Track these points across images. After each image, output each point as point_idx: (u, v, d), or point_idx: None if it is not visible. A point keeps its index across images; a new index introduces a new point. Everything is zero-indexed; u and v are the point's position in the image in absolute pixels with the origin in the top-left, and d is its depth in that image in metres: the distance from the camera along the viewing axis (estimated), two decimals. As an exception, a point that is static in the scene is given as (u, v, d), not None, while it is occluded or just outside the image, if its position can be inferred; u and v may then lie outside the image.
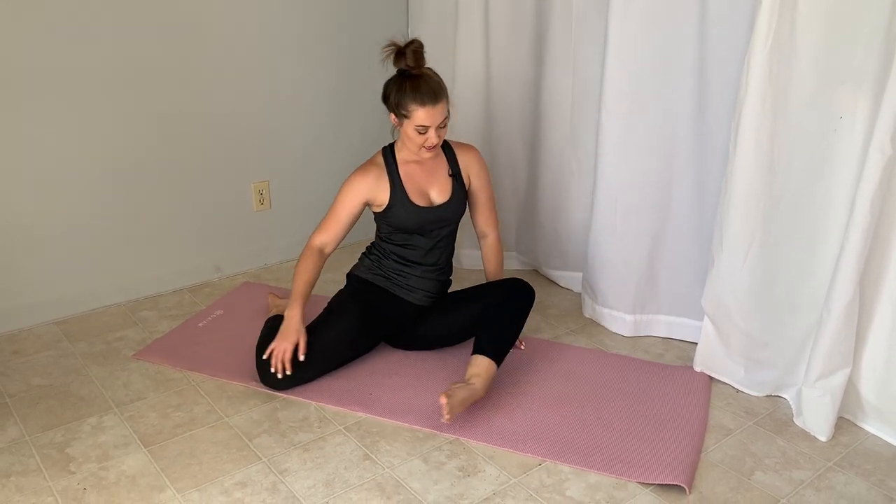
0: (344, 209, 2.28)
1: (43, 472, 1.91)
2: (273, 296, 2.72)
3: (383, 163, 2.30)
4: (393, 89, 2.18)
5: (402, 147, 2.29)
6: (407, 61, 2.15)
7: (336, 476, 1.91)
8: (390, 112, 2.22)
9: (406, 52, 2.14)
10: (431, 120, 2.14)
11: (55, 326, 2.67)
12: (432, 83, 2.16)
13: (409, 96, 2.13)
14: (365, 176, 2.27)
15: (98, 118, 2.63)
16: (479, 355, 2.18)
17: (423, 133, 2.17)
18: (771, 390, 2.25)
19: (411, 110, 2.14)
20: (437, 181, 2.33)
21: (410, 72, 2.16)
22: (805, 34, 1.87)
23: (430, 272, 2.36)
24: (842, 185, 1.94)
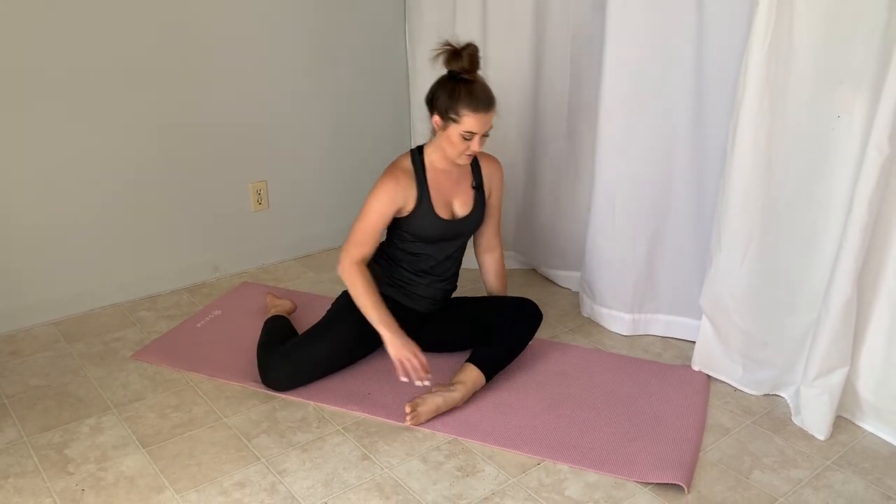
0: (379, 219, 2.17)
1: (41, 473, 1.91)
2: (271, 296, 2.72)
3: (412, 168, 2.20)
4: (444, 92, 2.08)
5: (435, 151, 2.20)
6: (463, 64, 2.06)
7: (335, 476, 1.91)
8: (434, 114, 2.11)
9: (462, 54, 2.06)
10: (480, 127, 2.07)
11: (53, 327, 2.66)
12: (487, 90, 2.08)
13: (463, 101, 2.04)
14: (397, 183, 2.16)
15: (96, 119, 2.62)
16: (472, 365, 2.19)
17: (468, 139, 2.09)
18: (769, 389, 2.25)
19: (462, 115, 2.05)
20: (461, 192, 2.27)
21: (462, 75, 2.08)
22: (803, 34, 1.87)
23: (438, 281, 2.32)
24: (840, 184, 1.94)
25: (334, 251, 3.36)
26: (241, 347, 2.48)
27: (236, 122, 2.96)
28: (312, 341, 2.25)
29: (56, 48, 2.48)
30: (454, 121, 2.07)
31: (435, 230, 2.21)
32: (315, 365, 2.24)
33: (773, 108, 1.96)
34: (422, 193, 2.18)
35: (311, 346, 2.24)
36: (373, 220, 2.17)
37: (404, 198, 2.16)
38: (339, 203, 3.37)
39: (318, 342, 2.25)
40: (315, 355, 2.24)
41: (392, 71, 3.37)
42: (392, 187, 2.15)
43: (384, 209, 2.16)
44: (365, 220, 2.17)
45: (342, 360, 2.31)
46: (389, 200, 2.15)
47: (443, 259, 2.29)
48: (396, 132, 3.48)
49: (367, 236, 2.17)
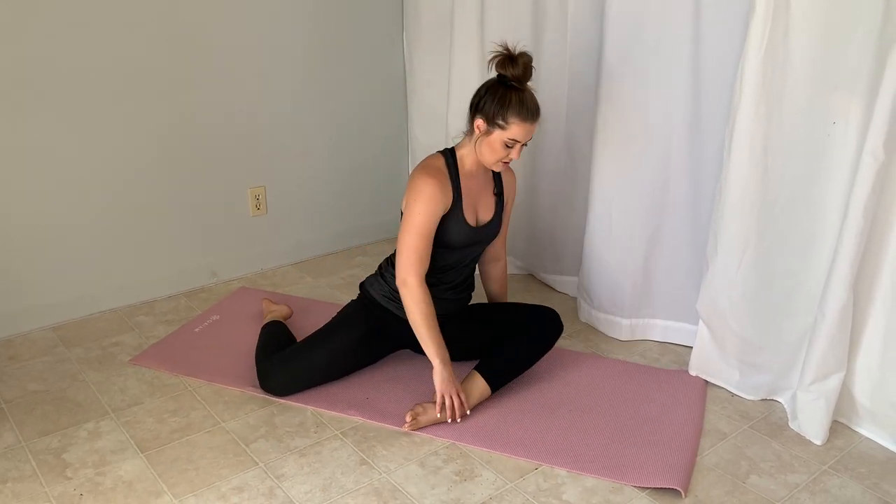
0: (431, 223, 2.06)
1: (39, 478, 1.91)
2: (268, 301, 2.72)
3: (447, 171, 2.12)
4: (493, 97, 2.03)
5: (469, 155, 2.14)
6: (516, 71, 2.01)
7: (333, 481, 1.91)
8: (478, 118, 2.06)
9: (518, 62, 2.01)
10: (525, 136, 2.04)
11: (51, 332, 2.66)
12: (536, 100, 2.04)
13: (513, 109, 2.00)
14: (440, 182, 2.06)
15: (95, 124, 2.63)
16: (479, 375, 2.17)
17: (510, 147, 2.05)
18: (766, 394, 2.26)
19: (510, 123, 2.01)
20: (485, 199, 2.23)
21: (513, 83, 2.03)
22: (798, 40, 1.88)
23: (451, 289, 2.26)
24: (835, 189, 1.95)
25: (332, 256, 3.38)
26: (239, 352, 2.48)
27: (235, 127, 2.97)
28: (313, 348, 2.24)
29: (55, 52, 2.49)
30: (501, 127, 2.02)
31: (462, 236, 2.15)
32: (314, 372, 2.24)
33: (770, 114, 1.97)
34: (456, 197, 2.12)
35: (312, 353, 2.23)
36: (426, 227, 2.05)
37: (445, 198, 2.08)
38: (337, 208, 3.38)
39: (319, 350, 2.24)
40: (315, 363, 2.23)
41: (390, 76, 3.38)
42: (436, 187, 2.05)
43: (433, 211, 2.05)
44: (418, 229, 2.04)
45: (342, 369, 2.29)
46: (437, 201, 2.05)
47: (462, 266, 2.24)
48: (395, 137, 3.49)
49: (426, 248, 2.06)
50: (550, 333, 2.29)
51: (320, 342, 2.25)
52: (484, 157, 2.11)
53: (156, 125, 2.77)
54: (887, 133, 1.75)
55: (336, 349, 2.24)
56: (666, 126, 2.32)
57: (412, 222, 2.05)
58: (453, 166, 2.14)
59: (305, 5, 3.03)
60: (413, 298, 2.06)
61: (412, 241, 2.05)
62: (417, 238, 2.05)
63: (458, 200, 2.12)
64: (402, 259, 2.07)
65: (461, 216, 2.14)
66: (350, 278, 3.14)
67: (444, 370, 2.07)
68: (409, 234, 2.05)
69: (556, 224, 2.92)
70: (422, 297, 2.06)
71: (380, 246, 3.50)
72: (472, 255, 2.26)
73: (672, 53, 2.24)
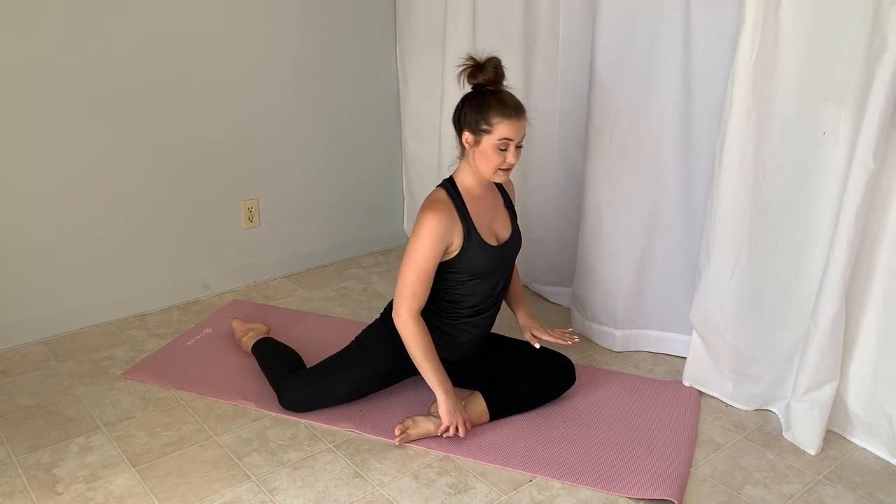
0: (432, 260, 2.01)
1: (30, 493, 1.90)
2: (239, 321, 2.63)
3: (450, 200, 2.05)
4: (472, 106, 2.00)
5: (468, 177, 2.07)
6: (488, 76, 2.00)
7: (326, 494, 1.90)
8: (464, 131, 2.01)
9: (487, 66, 2.00)
10: (515, 133, 1.97)
11: (42, 346, 2.65)
12: (515, 98, 2.01)
13: (493, 109, 1.96)
14: (442, 218, 2.00)
15: (86, 137, 2.62)
16: (481, 398, 2.15)
17: (504, 150, 1.98)
18: (760, 404, 2.26)
19: (495, 124, 1.96)
20: (500, 215, 2.17)
21: (488, 87, 2.02)
22: (788, 51, 1.90)
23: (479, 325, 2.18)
24: (826, 199, 1.96)
25: (325, 269, 3.37)
26: (231, 365, 2.47)
27: (228, 140, 2.97)
28: (337, 377, 2.20)
29: (46, 67, 2.49)
30: (487, 132, 1.97)
31: (488, 261, 2.09)
32: (336, 398, 2.21)
33: (760, 125, 1.98)
34: (468, 226, 2.05)
35: (335, 381, 2.19)
36: (426, 264, 2.01)
37: (451, 233, 2.02)
38: (330, 221, 3.38)
39: (343, 379, 2.19)
40: (338, 391, 2.20)
41: (383, 89, 3.39)
42: (438, 224, 1.99)
43: (435, 248, 2.00)
44: (417, 266, 2.01)
45: (365, 392, 2.26)
46: (439, 238, 2.00)
47: (490, 292, 2.16)
48: (388, 149, 3.49)
49: (422, 284, 2.03)
50: (562, 384, 2.27)
51: (347, 368, 2.20)
52: (482, 171, 2.03)
53: (148, 138, 2.76)
54: (876, 143, 1.76)
55: (362, 381, 2.21)
56: (657, 137, 2.33)
57: (411, 259, 2.02)
58: (456, 195, 2.07)
59: (299, 18, 3.03)
60: (407, 332, 2.05)
61: (409, 277, 2.03)
62: (414, 274, 2.02)
63: (470, 227, 2.06)
64: (398, 293, 2.05)
65: (481, 241, 2.07)
66: (343, 291, 3.13)
67: (449, 400, 2.05)
68: (407, 270, 2.03)
69: (549, 235, 2.93)
70: (415, 329, 2.04)
71: (373, 258, 3.49)
72: (503, 275, 2.18)
73: (663, 65, 2.25)
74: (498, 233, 2.15)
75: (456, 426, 2.06)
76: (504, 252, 2.15)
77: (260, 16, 2.93)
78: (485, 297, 2.15)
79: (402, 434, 2.06)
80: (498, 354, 2.30)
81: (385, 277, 3.25)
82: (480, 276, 2.10)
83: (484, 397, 2.16)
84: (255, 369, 2.41)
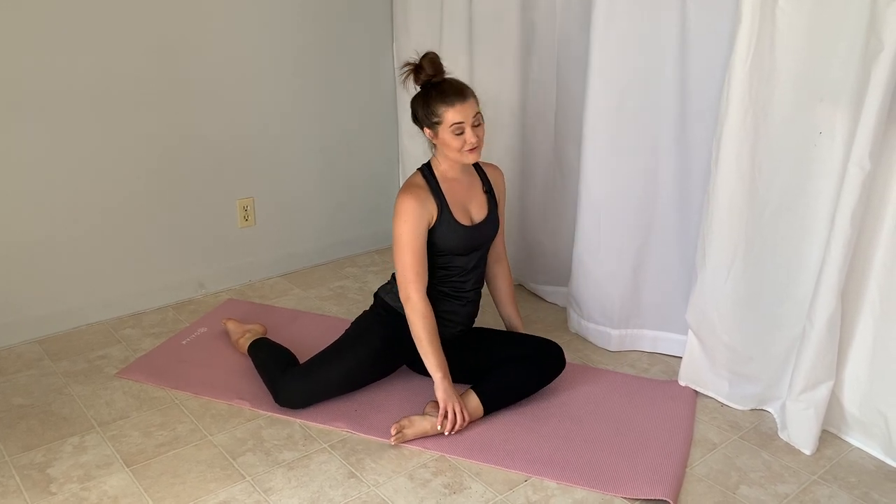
0: (419, 240, 2.10)
1: (23, 493, 1.89)
2: (234, 321, 2.63)
3: (425, 182, 2.17)
4: (420, 102, 2.14)
5: (442, 162, 2.20)
6: (426, 71, 2.11)
7: (321, 494, 1.89)
8: (423, 128, 2.15)
9: (423, 63, 2.12)
10: (463, 115, 2.08)
11: (37, 345, 2.64)
12: (456, 83, 2.12)
13: (435, 100, 2.08)
14: (417, 197, 2.11)
15: (82, 137, 2.62)
16: (474, 395, 2.16)
17: (460, 134, 2.09)
18: (755, 404, 2.26)
19: (441, 113, 2.08)
20: (475, 198, 2.26)
21: (431, 80, 2.13)
22: (784, 51, 1.90)
23: (463, 300, 2.27)
24: (822, 199, 1.96)
25: (320, 268, 3.37)
26: (226, 365, 2.47)
27: (224, 139, 2.96)
28: (330, 363, 2.22)
29: (40, 66, 2.48)
30: (438, 123, 2.10)
31: (460, 238, 2.18)
32: (331, 387, 2.23)
33: (756, 125, 1.98)
34: (441, 203, 2.16)
35: (329, 368, 2.21)
36: (416, 243, 2.10)
37: (428, 210, 2.13)
38: (325, 220, 3.37)
39: (337, 365, 2.22)
40: (333, 378, 2.21)
41: (380, 89, 3.38)
42: (414, 203, 2.10)
43: (418, 227, 2.10)
44: (409, 246, 2.10)
45: (358, 382, 2.28)
46: (418, 216, 2.10)
47: (469, 269, 2.25)
48: (384, 149, 3.49)
49: (420, 263, 2.11)
50: (553, 369, 2.28)
51: (338, 357, 2.23)
52: (451, 156, 2.15)
53: (144, 138, 2.76)
54: (872, 143, 1.76)
55: (353, 364, 2.23)
56: (654, 137, 2.33)
57: (400, 242, 2.11)
58: (431, 176, 2.19)
59: (295, 17, 3.03)
60: (417, 313, 2.11)
61: (405, 259, 2.11)
62: (409, 255, 2.10)
63: (444, 206, 2.16)
64: (401, 278, 2.13)
65: (452, 219, 2.17)
66: (339, 290, 3.13)
67: (445, 382, 2.09)
68: (401, 253, 2.12)
69: (545, 234, 2.93)
70: (424, 310, 2.11)
71: (369, 257, 3.49)
72: (479, 255, 2.27)
73: (659, 64, 2.25)
74: (473, 214, 2.24)
75: (454, 411, 2.07)
76: (476, 233, 2.23)
77: (256, 15, 2.92)
78: (461, 272, 2.24)
79: (398, 434, 2.06)
80: (486, 347, 2.31)
81: (381, 276, 3.24)
82: (452, 252, 2.19)
83: (475, 391, 2.16)
84: (250, 369, 2.41)
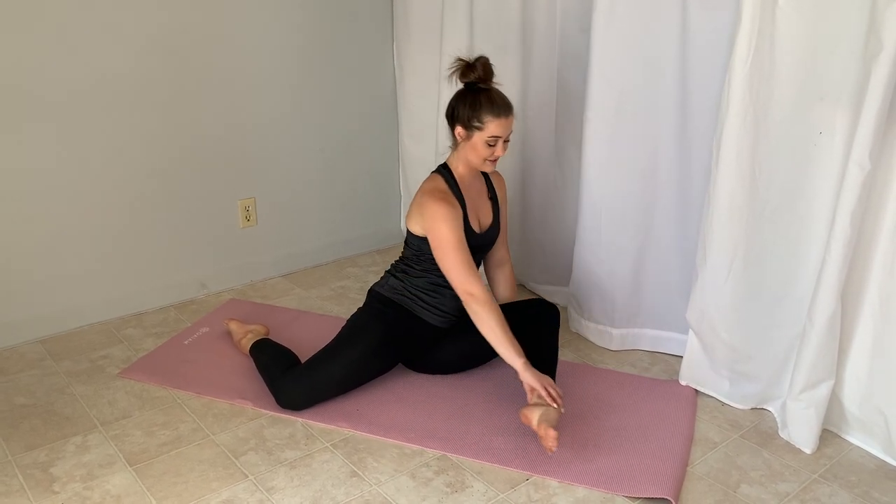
0: (463, 239, 2.13)
1: (26, 493, 1.89)
2: (237, 322, 2.62)
3: (447, 187, 2.20)
4: (464, 103, 2.14)
5: (460, 164, 2.23)
6: (478, 73, 2.14)
7: (323, 493, 1.90)
8: (457, 126, 2.17)
9: (476, 65, 2.14)
10: (504, 130, 2.13)
11: (39, 345, 2.64)
12: (504, 96, 2.15)
13: (484, 108, 2.11)
14: (450, 202, 2.14)
15: (84, 137, 2.62)
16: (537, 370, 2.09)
17: (493, 145, 2.15)
18: (756, 403, 2.26)
19: (486, 122, 2.11)
20: (483, 204, 2.31)
21: (479, 85, 2.15)
22: (784, 51, 1.90)
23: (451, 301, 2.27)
24: (822, 198, 1.97)
25: (322, 268, 3.37)
26: (228, 365, 2.47)
27: (225, 139, 2.97)
28: (330, 362, 2.22)
29: (43, 64, 2.48)
30: (478, 128, 2.13)
31: (470, 245, 2.18)
32: (332, 385, 2.23)
33: (757, 124, 1.99)
34: (464, 209, 2.20)
35: (329, 366, 2.21)
36: (460, 241, 2.13)
37: (459, 214, 2.16)
38: (327, 220, 3.38)
39: (336, 363, 2.22)
40: (333, 376, 2.21)
41: (380, 88, 3.39)
42: (449, 207, 2.13)
43: (458, 227, 2.13)
44: (453, 245, 2.12)
45: (359, 379, 2.27)
46: (456, 217, 2.13)
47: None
48: (385, 148, 3.49)
49: (470, 258, 2.14)
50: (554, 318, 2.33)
51: (336, 356, 2.23)
52: (471, 161, 2.20)
53: (145, 137, 2.76)
54: (872, 142, 1.76)
55: (352, 361, 2.23)
56: (654, 136, 2.34)
57: (446, 243, 2.12)
58: (452, 181, 2.22)
59: (296, 17, 3.03)
60: (486, 306, 2.10)
61: (456, 257, 2.12)
62: (458, 252, 2.12)
63: (465, 212, 2.20)
64: (456, 276, 2.13)
65: (468, 225, 2.21)
66: (340, 290, 3.13)
67: (528, 366, 2.07)
68: (450, 253, 2.12)
69: (545, 234, 2.93)
70: (491, 301, 2.11)
71: (370, 257, 3.49)
72: (480, 259, 2.32)
73: (659, 64, 2.26)
74: (481, 220, 2.30)
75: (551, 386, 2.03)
76: (484, 239, 2.30)
77: (257, 16, 2.93)
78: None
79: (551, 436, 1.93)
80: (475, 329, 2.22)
81: (382, 276, 3.25)
82: None
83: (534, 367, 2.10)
84: (252, 369, 2.41)
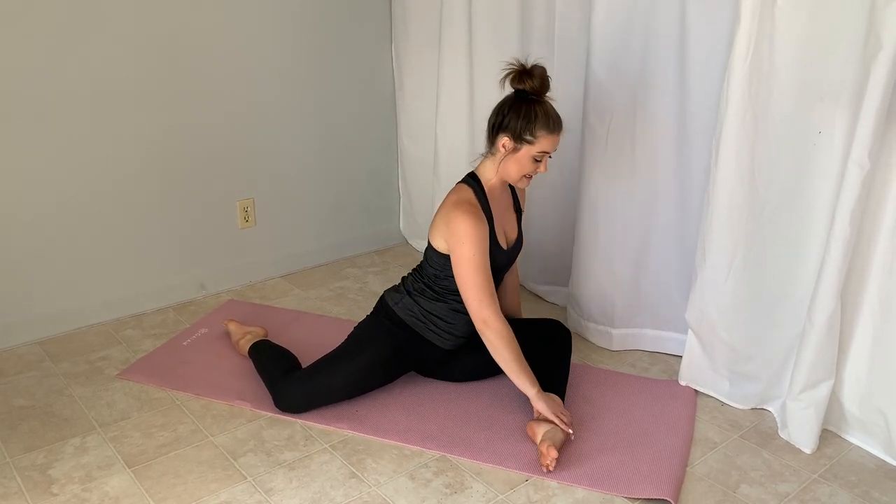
0: (487, 262, 2.02)
1: (24, 495, 1.89)
2: (235, 323, 2.61)
3: (476, 200, 2.07)
4: (517, 113, 2.01)
5: (494, 176, 2.10)
6: (533, 84, 2.00)
7: (322, 495, 1.90)
8: (503, 136, 2.03)
9: (534, 74, 2.00)
10: (553, 147, 2.03)
11: (37, 346, 2.64)
12: (555, 110, 2.04)
13: (540, 121, 1.99)
14: (478, 218, 2.02)
15: (81, 136, 2.62)
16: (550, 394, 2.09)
17: (539, 161, 2.04)
18: (756, 403, 2.26)
19: (539, 136, 1.99)
20: (509, 218, 2.21)
21: (531, 96, 2.02)
22: (784, 51, 1.90)
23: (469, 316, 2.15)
24: (822, 198, 1.97)
25: (321, 268, 3.37)
26: (227, 366, 2.47)
27: (223, 139, 2.96)
28: (334, 371, 2.19)
29: (40, 66, 2.48)
30: (529, 142, 2.01)
31: (498, 261, 2.11)
32: (333, 393, 2.20)
33: (756, 124, 1.98)
34: (491, 226, 2.09)
35: (332, 375, 2.19)
36: (483, 263, 2.02)
37: (486, 231, 2.05)
38: (326, 220, 3.37)
39: (340, 373, 2.19)
40: (335, 385, 2.19)
41: (379, 89, 3.38)
42: (477, 223, 2.01)
43: (484, 247, 2.02)
44: (476, 267, 2.01)
45: (360, 390, 2.25)
46: (483, 236, 2.02)
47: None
48: (384, 149, 3.49)
49: (490, 282, 2.03)
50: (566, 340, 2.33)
51: (342, 365, 2.19)
52: (509, 174, 2.08)
53: (144, 138, 2.76)
54: (872, 142, 1.76)
55: (357, 372, 2.19)
56: (653, 136, 2.33)
57: (468, 264, 2.01)
58: (482, 194, 2.10)
59: (294, 18, 3.03)
60: (500, 337, 2.03)
61: (476, 280, 2.01)
62: (479, 275, 2.01)
63: (492, 229, 2.10)
64: (473, 300, 2.03)
65: (496, 242, 2.11)
66: (339, 290, 3.13)
67: (541, 394, 2.05)
68: (470, 275, 2.02)
69: (545, 234, 2.93)
70: (506, 332, 2.03)
71: (369, 258, 3.49)
72: (500, 276, 2.21)
73: (658, 64, 2.25)
74: (508, 234, 2.19)
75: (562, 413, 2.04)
76: (508, 255, 2.19)
77: (255, 15, 2.92)
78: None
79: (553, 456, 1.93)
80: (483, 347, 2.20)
81: (381, 277, 3.25)
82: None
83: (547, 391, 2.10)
84: (251, 370, 2.41)
